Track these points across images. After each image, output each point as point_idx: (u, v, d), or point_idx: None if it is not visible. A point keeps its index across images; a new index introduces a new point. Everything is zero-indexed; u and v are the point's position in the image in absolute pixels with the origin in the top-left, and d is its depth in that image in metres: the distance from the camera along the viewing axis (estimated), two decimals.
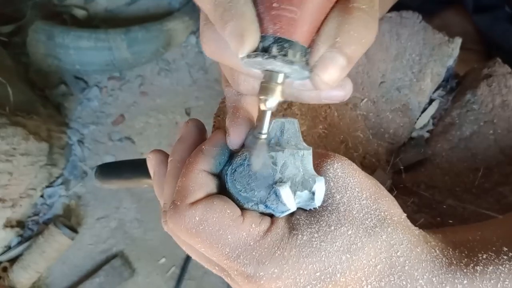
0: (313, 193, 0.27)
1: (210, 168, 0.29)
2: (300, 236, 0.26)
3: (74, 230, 1.04)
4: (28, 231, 1.07)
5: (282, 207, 0.27)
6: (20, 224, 1.06)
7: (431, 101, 0.55)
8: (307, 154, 0.28)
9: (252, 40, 0.23)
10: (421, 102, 0.54)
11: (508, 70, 0.51)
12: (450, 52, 0.54)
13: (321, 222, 0.27)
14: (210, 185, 0.28)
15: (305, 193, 0.27)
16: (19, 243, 1.05)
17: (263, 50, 0.23)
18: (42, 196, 1.08)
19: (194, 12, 1.15)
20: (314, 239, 0.26)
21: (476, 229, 0.32)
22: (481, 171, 0.49)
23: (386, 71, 0.53)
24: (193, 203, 0.27)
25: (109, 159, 1.12)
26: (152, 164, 0.35)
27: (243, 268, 0.26)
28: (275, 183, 0.27)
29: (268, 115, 0.26)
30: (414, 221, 0.31)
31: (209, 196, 0.28)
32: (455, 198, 0.48)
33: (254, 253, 0.26)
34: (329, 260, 0.26)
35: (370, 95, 0.53)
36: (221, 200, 0.27)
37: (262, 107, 0.25)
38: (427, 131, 0.54)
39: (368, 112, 0.53)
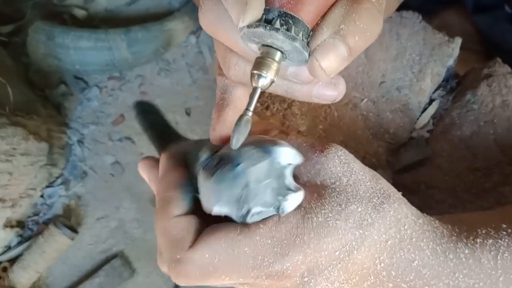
0: (278, 208, 0.27)
1: (183, 209, 0.29)
2: (315, 218, 0.26)
3: (74, 230, 1.04)
4: (28, 231, 1.07)
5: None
6: (20, 224, 1.06)
7: (431, 101, 0.55)
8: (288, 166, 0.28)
9: (256, 9, 0.22)
10: (421, 102, 0.54)
11: (508, 70, 0.51)
12: (450, 52, 0.54)
13: (332, 203, 0.27)
14: (193, 222, 0.28)
15: (270, 210, 0.27)
16: (19, 243, 1.05)
17: (266, 22, 0.23)
18: (42, 196, 1.08)
19: (194, 12, 1.15)
20: (329, 219, 0.26)
21: (474, 213, 0.33)
22: (481, 171, 0.49)
23: (386, 71, 0.53)
24: (193, 246, 0.27)
25: (109, 159, 1.12)
26: (144, 171, 0.36)
27: (270, 269, 0.26)
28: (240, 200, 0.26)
29: (257, 93, 0.25)
30: None
31: (201, 232, 0.28)
32: (455, 198, 0.48)
33: (275, 249, 0.26)
34: (345, 237, 0.26)
35: (370, 95, 0.53)
36: (216, 227, 0.27)
37: (254, 83, 0.24)
38: (427, 131, 0.54)
39: (368, 112, 0.53)
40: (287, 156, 0.27)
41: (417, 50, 0.54)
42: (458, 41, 0.54)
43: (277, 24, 0.22)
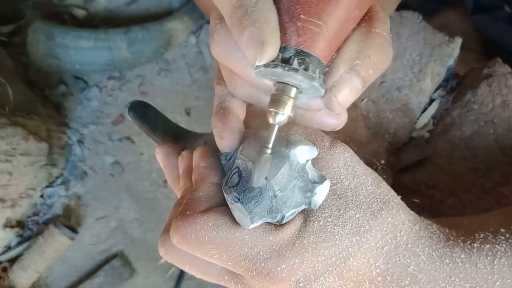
0: (310, 204, 0.27)
1: (219, 181, 0.29)
2: (316, 222, 0.26)
3: (74, 230, 1.04)
4: (28, 231, 1.07)
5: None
6: (20, 224, 1.06)
7: (431, 101, 0.55)
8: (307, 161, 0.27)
9: (273, 50, 0.22)
10: (421, 102, 0.54)
11: (508, 70, 0.51)
12: (450, 52, 0.54)
13: (332, 207, 0.27)
14: (220, 196, 0.28)
15: (302, 207, 0.27)
16: (19, 243, 1.05)
17: (283, 62, 0.23)
18: (42, 196, 1.08)
19: (194, 12, 1.15)
20: (328, 223, 0.26)
21: (473, 216, 0.33)
22: (481, 171, 0.49)
23: (386, 71, 0.53)
24: (204, 211, 0.27)
25: (109, 159, 1.12)
26: (160, 158, 0.35)
27: (263, 264, 0.25)
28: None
29: (275, 129, 0.25)
30: None
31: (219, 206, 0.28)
32: (455, 198, 0.48)
33: (274, 246, 0.26)
34: (342, 243, 0.26)
35: (370, 95, 0.53)
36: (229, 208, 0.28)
37: (271, 120, 0.24)
38: (427, 131, 0.54)
39: (368, 112, 0.53)
40: (304, 154, 0.27)
41: (417, 50, 0.54)
42: (458, 41, 0.54)
43: (295, 64, 0.22)
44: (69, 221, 1.06)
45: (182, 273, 1.02)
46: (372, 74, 0.24)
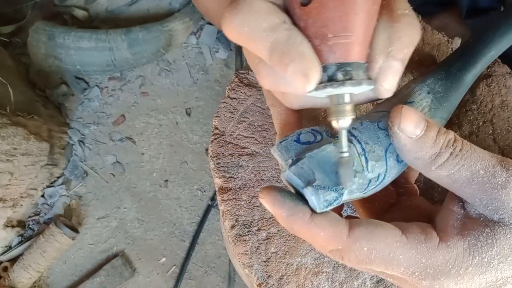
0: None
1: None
2: (478, 257, 0.26)
3: (74, 230, 1.04)
4: (29, 230, 1.07)
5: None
6: (21, 224, 1.06)
7: None
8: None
9: (317, 76, 0.24)
10: None
11: (508, 70, 0.52)
12: (449, 52, 0.54)
13: (504, 245, 0.26)
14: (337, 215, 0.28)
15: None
16: (20, 243, 1.05)
17: (329, 80, 0.24)
18: (43, 196, 1.09)
19: (194, 13, 1.16)
20: (493, 260, 0.26)
21: None
22: None
23: None
24: (350, 236, 0.27)
25: (110, 159, 1.12)
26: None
27: (418, 281, 0.26)
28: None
29: (345, 134, 0.26)
30: None
31: (360, 224, 0.27)
32: None
33: (428, 270, 0.26)
34: (503, 274, 0.26)
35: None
36: (377, 225, 0.27)
37: (335, 126, 0.26)
38: None
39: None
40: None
41: (416, 50, 0.54)
42: (458, 41, 0.54)
43: (340, 78, 0.24)
44: (70, 220, 1.07)
45: (182, 273, 1.03)
46: (407, 52, 0.25)
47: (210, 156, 0.46)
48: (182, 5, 1.20)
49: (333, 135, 0.28)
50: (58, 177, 1.10)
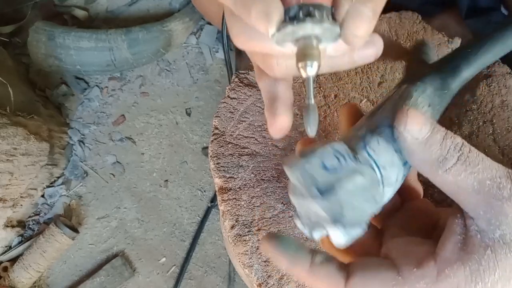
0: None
1: (322, 257, 0.28)
2: (481, 283, 0.25)
3: (75, 230, 1.04)
4: (29, 230, 1.07)
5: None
6: (21, 224, 1.06)
7: None
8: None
9: (278, 14, 0.23)
10: None
11: (508, 70, 0.52)
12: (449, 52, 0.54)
13: (506, 266, 0.25)
14: (333, 259, 0.28)
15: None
16: (20, 243, 1.05)
17: (291, 19, 0.24)
18: (43, 196, 1.09)
19: (194, 13, 1.16)
20: (495, 286, 0.25)
21: None
22: None
23: (385, 71, 0.54)
24: (349, 282, 0.27)
25: (110, 159, 1.12)
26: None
27: None
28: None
29: (311, 81, 0.26)
30: None
31: (355, 263, 0.27)
32: None
33: None
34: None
35: (369, 95, 0.53)
36: (372, 270, 0.27)
37: (304, 74, 0.25)
38: None
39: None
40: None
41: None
42: (458, 41, 0.54)
43: (301, 16, 0.24)
44: (70, 220, 1.07)
45: (182, 273, 1.03)
46: (377, 0, 0.24)
47: (210, 156, 0.46)
48: (182, 5, 1.20)
49: (355, 156, 0.28)
50: (58, 177, 1.10)
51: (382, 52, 0.28)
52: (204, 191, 1.09)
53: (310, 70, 0.25)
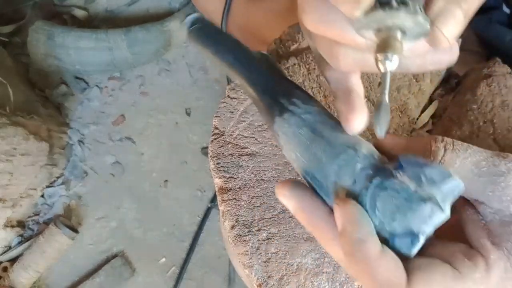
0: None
1: (379, 245, 0.26)
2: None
3: (74, 230, 1.04)
4: (29, 231, 1.07)
5: (404, 249, 0.25)
6: (21, 224, 1.06)
7: (430, 101, 0.55)
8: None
9: None
10: (421, 102, 0.54)
11: (508, 70, 0.51)
12: None
13: None
14: (396, 257, 0.26)
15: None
16: (20, 243, 1.05)
17: (381, 4, 0.22)
18: (42, 196, 1.09)
19: (194, 13, 1.16)
20: None
21: None
22: None
23: None
24: (410, 275, 0.26)
25: (109, 159, 1.12)
26: (292, 199, 0.30)
27: None
28: (420, 233, 0.25)
29: (388, 77, 0.24)
30: None
31: (416, 269, 0.26)
32: None
33: None
34: None
35: (369, 95, 0.53)
36: (427, 266, 0.26)
37: (382, 68, 0.23)
38: (427, 131, 0.54)
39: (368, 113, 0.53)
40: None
41: None
42: (458, 41, 0.54)
43: (394, 4, 0.22)
44: (69, 221, 1.07)
45: (181, 273, 1.03)
46: (471, 2, 0.23)
47: (210, 156, 0.46)
48: (182, 4, 1.20)
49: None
50: (58, 177, 1.10)
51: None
52: (204, 191, 1.09)
53: (390, 65, 0.23)
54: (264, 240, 0.42)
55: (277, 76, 0.33)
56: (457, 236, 0.29)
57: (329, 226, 0.28)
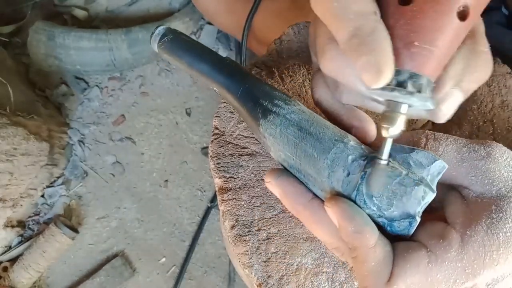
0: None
1: (376, 235, 0.27)
2: (501, 234, 0.26)
3: (74, 230, 1.04)
4: (29, 231, 1.07)
5: (403, 231, 0.27)
6: (21, 224, 1.06)
7: None
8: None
9: (389, 75, 0.23)
10: None
11: (508, 70, 0.52)
12: None
13: None
14: (388, 250, 0.27)
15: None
16: (20, 243, 1.05)
17: (398, 85, 0.24)
18: (42, 196, 1.09)
19: (194, 13, 1.16)
20: None
21: None
22: None
23: None
24: (390, 281, 0.26)
25: (109, 159, 1.12)
26: (279, 187, 0.32)
27: (462, 286, 0.26)
28: (416, 215, 0.26)
29: (389, 142, 0.26)
30: None
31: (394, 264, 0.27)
32: None
33: (467, 271, 0.26)
34: None
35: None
36: (405, 257, 0.26)
37: (385, 134, 0.25)
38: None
39: (368, 113, 0.53)
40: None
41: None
42: None
43: (410, 87, 0.24)
44: (70, 220, 1.07)
45: (182, 273, 1.03)
46: (474, 87, 0.26)
47: (210, 156, 0.46)
48: (182, 5, 1.20)
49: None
50: (58, 177, 1.10)
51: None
52: (204, 191, 1.09)
53: (392, 132, 0.25)
54: (264, 240, 0.42)
55: (252, 80, 0.33)
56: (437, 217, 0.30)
57: (310, 211, 0.30)
